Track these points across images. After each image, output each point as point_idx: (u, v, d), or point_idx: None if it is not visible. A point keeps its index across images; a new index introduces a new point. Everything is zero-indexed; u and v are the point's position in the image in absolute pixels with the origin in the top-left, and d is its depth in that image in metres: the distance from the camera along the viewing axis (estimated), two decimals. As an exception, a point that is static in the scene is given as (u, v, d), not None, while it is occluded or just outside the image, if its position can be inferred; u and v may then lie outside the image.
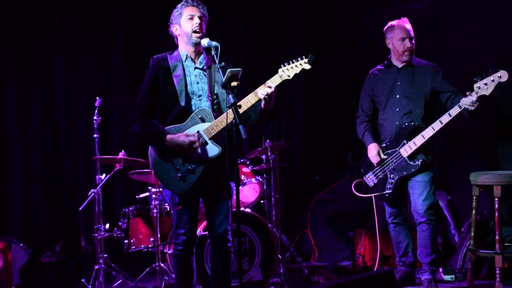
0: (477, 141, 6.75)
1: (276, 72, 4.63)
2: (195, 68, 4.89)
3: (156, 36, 7.57)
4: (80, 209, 6.26)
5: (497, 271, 5.77)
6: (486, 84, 5.43)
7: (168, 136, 4.68)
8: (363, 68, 6.61)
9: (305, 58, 4.60)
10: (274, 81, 4.61)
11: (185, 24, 4.82)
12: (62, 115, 7.46)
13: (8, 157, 7.33)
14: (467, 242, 6.17)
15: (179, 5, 4.89)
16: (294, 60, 4.63)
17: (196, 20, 4.80)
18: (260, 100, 4.64)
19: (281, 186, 7.12)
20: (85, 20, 7.54)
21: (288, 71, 4.63)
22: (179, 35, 4.91)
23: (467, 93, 5.42)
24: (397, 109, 5.89)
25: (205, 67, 4.89)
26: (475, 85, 5.45)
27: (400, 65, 5.94)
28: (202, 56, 4.90)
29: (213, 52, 4.62)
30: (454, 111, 5.51)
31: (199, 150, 4.71)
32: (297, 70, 4.63)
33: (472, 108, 5.41)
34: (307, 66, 4.61)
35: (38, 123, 7.40)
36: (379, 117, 6.06)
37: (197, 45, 4.81)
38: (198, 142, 4.66)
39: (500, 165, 6.34)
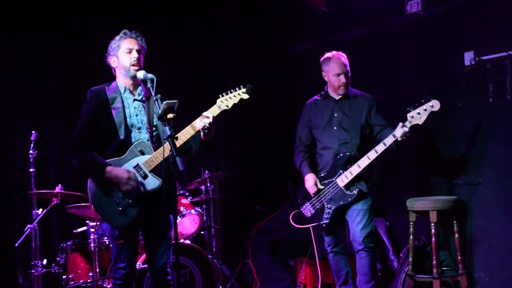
0: (411, 168, 6.87)
1: (215, 102, 4.68)
2: (134, 100, 4.89)
3: (93, 67, 7.54)
4: (16, 245, 6.16)
5: (435, 296, 5.92)
6: (419, 113, 5.55)
7: (108, 168, 4.66)
8: (299, 96, 6.73)
9: (243, 88, 4.64)
10: (212, 112, 4.65)
11: (123, 57, 4.83)
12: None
13: None
14: (406, 267, 6.27)
15: (117, 37, 4.89)
16: (232, 90, 4.67)
17: (134, 54, 4.80)
18: (199, 131, 4.68)
19: (221, 216, 7.15)
20: (20, 52, 7.46)
21: (226, 101, 4.67)
22: (116, 67, 4.90)
23: (400, 123, 5.55)
24: (335, 139, 5.96)
25: (143, 98, 4.90)
26: (409, 115, 5.56)
27: (337, 97, 6.02)
28: (140, 88, 4.91)
29: (149, 85, 4.64)
30: (389, 140, 5.59)
31: (141, 182, 4.71)
32: (236, 100, 4.68)
33: (404, 138, 5.55)
34: (246, 96, 4.65)
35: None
36: (317, 147, 6.12)
37: (134, 78, 4.82)
38: (135, 181, 4.67)
39: (433, 191, 6.48)
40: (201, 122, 4.64)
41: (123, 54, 4.84)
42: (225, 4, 8.20)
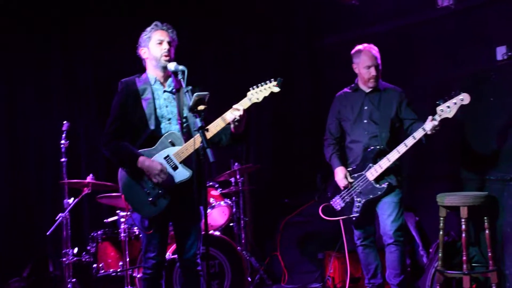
0: (441, 163, 6.86)
1: (245, 95, 4.69)
2: (164, 91, 4.93)
3: (123, 58, 7.58)
4: (47, 233, 6.24)
5: (465, 292, 5.89)
6: (449, 107, 5.53)
7: (141, 158, 4.72)
8: (328, 89, 6.72)
9: (274, 81, 4.64)
10: (243, 104, 4.65)
11: (154, 48, 4.88)
12: (30, 140, 7.45)
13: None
14: (435, 263, 6.24)
15: (148, 28, 4.94)
16: (263, 83, 4.66)
17: (165, 46, 4.85)
18: (229, 123, 4.70)
19: (250, 208, 7.18)
20: (52, 46, 7.56)
21: (257, 94, 4.66)
22: (147, 58, 4.95)
23: (430, 117, 5.53)
24: (365, 132, 5.96)
25: (174, 90, 4.93)
26: (438, 108, 5.55)
27: (367, 90, 6.03)
28: (170, 79, 4.94)
29: (180, 76, 4.66)
30: (418, 134, 5.59)
31: (171, 173, 4.76)
32: (266, 93, 4.67)
33: (433, 132, 5.54)
34: (276, 89, 4.65)
35: (5, 147, 7.40)
36: (346, 141, 6.13)
37: (165, 68, 4.86)
38: (166, 174, 4.71)
39: (463, 186, 6.46)
40: (231, 115, 4.65)
41: (154, 45, 4.89)
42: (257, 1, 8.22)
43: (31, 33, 7.52)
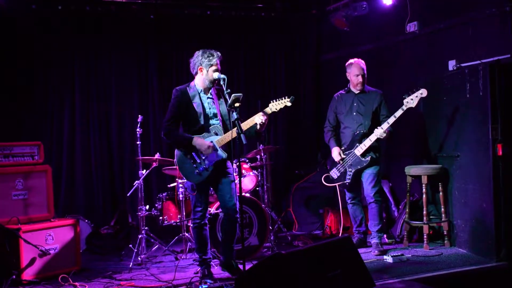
0: (409, 144, 6.84)
1: (266, 104, 4.91)
2: (208, 98, 5.07)
3: (180, 69, 7.66)
4: (128, 195, 6.28)
5: (425, 236, 5.92)
6: (412, 99, 5.62)
7: (195, 138, 4.91)
8: (325, 92, 6.70)
9: (288, 98, 4.88)
10: (266, 112, 4.88)
11: (212, 72, 4.96)
12: (114, 128, 7.48)
13: (75, 157, 7.33)
14: (404, 216, 6.29)
15: (211, 57, 4.98)
16: (280, 98, 4.90)
17: (218, 72, 4.97)
18: (255, 123, 4.87)
19: (271, 177, 7.20)
20: (129, 61, 7.63)
21: (275, 106, 4.92)
22: (202, 74, 5.02)
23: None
24: (354, 121, 6.01)
25: (213, 97, 5.06)
26: (404, 100, 5.64)
27: (356, 92, 6.07)
28: (211, 90, 5.08)
29: (221, 82, 4.83)
30: (391, 120, 5.72)
31: (213, 153, 4.90)
32: (282, 106, 4.92)
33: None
34: (289, 104, 4.90)
35: (97, 133, 7.41)
36: (341, 127, 6.17)
37: (212, 83, 4.99)
38: (212, 149, 4.89)
39: (424, 161, 6.46)
40: (259, 119, 4.85)
41: (212, 71, 4.97)
42: (273, 30, 8.21)
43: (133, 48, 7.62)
